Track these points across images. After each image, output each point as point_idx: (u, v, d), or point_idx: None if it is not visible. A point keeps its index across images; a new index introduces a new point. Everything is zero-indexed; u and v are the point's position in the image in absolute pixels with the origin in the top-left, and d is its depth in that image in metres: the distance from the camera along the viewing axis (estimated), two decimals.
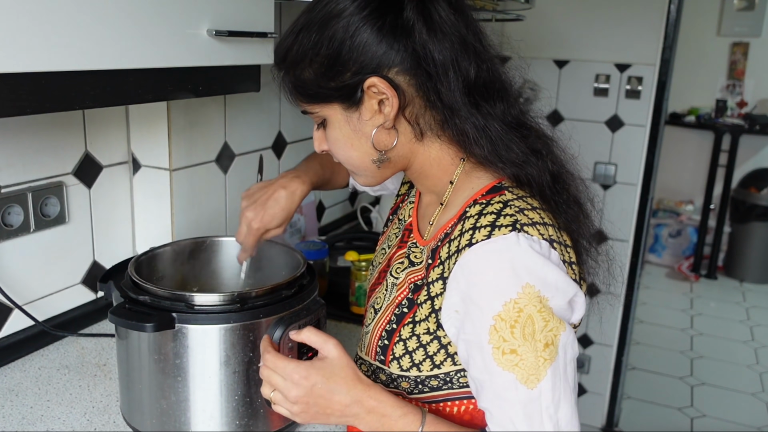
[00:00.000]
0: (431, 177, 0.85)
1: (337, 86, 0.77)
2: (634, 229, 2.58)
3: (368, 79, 0.75)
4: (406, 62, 0.75)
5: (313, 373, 0.77)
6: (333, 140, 0.83)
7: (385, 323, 0.85)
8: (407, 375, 0.81)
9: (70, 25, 0.74)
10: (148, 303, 0.89)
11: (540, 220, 0.76)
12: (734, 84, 4.63)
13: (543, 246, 0.73)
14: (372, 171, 0.84)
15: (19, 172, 1.16)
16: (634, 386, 3.17)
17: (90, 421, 1.03)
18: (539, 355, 0.71)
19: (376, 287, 0.95)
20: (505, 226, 0.73)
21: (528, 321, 0.70)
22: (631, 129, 2.52)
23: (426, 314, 0.80)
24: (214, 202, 1.50)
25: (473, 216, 0.77)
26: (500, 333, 0.71)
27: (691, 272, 4.66)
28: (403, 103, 0.77)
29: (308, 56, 0.78)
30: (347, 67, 0.76)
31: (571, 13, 2.51)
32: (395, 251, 0.94)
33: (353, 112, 0.79)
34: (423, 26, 0.74)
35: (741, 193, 4.57)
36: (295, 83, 0.81)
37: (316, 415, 0.79)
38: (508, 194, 0.78)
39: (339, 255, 1.79)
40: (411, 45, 0.74)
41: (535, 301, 0.71)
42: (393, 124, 0.79)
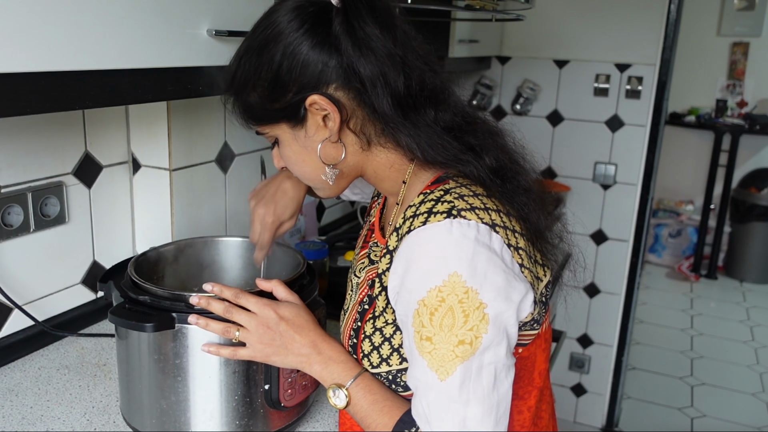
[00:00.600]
0: (387, 180, 0.87)
1: (281, 107, 0.80)
2: (634, 229, 2.58)
3: (309, 97, 0.78)
4: (341, 78, 0.77)
5: (284, 308, 0.86)
6: (286, 158, 0.86)
7: (352, 322, 0.87)
8: (379, 372, 0.83)
9: (70, 25, 0.74)
10: (148, 303, 0.89)
11: (481, 205, 0.76)
12: (734, 84, 4.63)
13: (481, 230, 0.73)
14: (326, 184, 0.86)
15: (19, 172, 1.16)
16: (634, 386, 3.17)
17: (90, 421, 1.03)
18: (451, 350, 0.72)
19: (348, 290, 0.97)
20: (441, 212, 0.74)
21: (448, 312, 0.72)
22: (631, 129, 2.52)
23: (383, 306, 0.82)
24: (214, 202, 1.50)
25: (415, 205, 0.79)
26: (421, 318, 0.73)
27: (691, 272, 4.66)
28: (345, 117, 0.79)
29: (251, 81, 0.80)
30: (288, 87, 0.78)
31: (571, 13, 2.51)
32: (360, 252, 0.97)
33: (299, 129, 0.81)
34: (348, 42, 0.76)
35: (741, 193, 4.57)
36: (243, 107, 0.84)
37: (278, 349, 0.85)
38: (451, 183, 0.79)
39: (339, 255, 1.79)
40: (341, 60, 0.76)
41: (460, 291, 0.71)
42: (338, 138, 0.81)
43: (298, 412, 0.99)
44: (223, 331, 0.85)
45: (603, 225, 2.65)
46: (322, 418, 1.05)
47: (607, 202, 2.62)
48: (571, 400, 2.86)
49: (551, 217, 0.86)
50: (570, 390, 2.86)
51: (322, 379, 0.85)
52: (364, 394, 0.82)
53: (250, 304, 0.85)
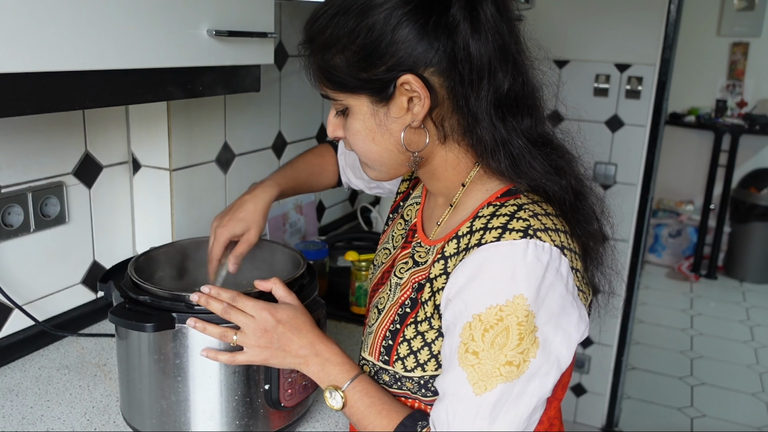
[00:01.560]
0: (443, 179, 0.84)
1: (369, 78, 0.74)
2: (634, 229, 2.58)
3: (403, 76, 0.73)
4: (443, 63, 0.73)
5: (282, 310, 0.85)
6: (353, 131, 0.80)
7: (389, 323, 0.85)
8: (411, 376, 0.81)
9: (70, 25, 0.74)
10: (148, 303, 0.89)
11: (553, 226, 0.74)
12: (734, 84, 4.63)
13: (553, 254, 0.72)
14: (388, 166, 0.82)
15: (19, 172, 1.16)
16: (634, 386, 3.17)
17: (90, 421, 1.03)
18: (497, 367, 0.70)
19: (379, 287, 0.94)
20: (517, 230, 0.72)
21: (503, 332, 0.70)
22: (631, 129, 2.52)
23: (430, 312, 0.79)
24: (214, 202, 1.50)
25: (485, 216, 0.76)
26: (472, 332, 0.71)
27: (691, 272, 4.66)
28: (433, 104, 0.75)
29: (342, 42, 0.74)
30: (383, 60, 0.73)
31: (571, 13, 2.51)
32: (399, 252, 0.93)
33: (381, 106, 0.76)
34: (468, 26, 0.71)
35: (741, 193, 4.57)
36: (323, 67, 0.78)
37: (276, 351, 0.84)
38: (523, 198, 0.77)
39: (339, 255, 1.79)
40: (451, 45, 0.72)
41: (521, 313, 0.70)
42: (421, 124, 0.77)
43: (298, 412, 0.99)
44: (221, 336, 0.85)
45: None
46: (322, 418, 1.05)
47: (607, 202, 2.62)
48: (571, 400, 2.86)
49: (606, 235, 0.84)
50: (570, 390, 2.86)
51: (319, 381, 0.85)
52: (360, 396, 0.82)
53: (247, 307, 0.85)
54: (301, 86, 1.78)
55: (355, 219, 2.15)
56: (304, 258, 1.04)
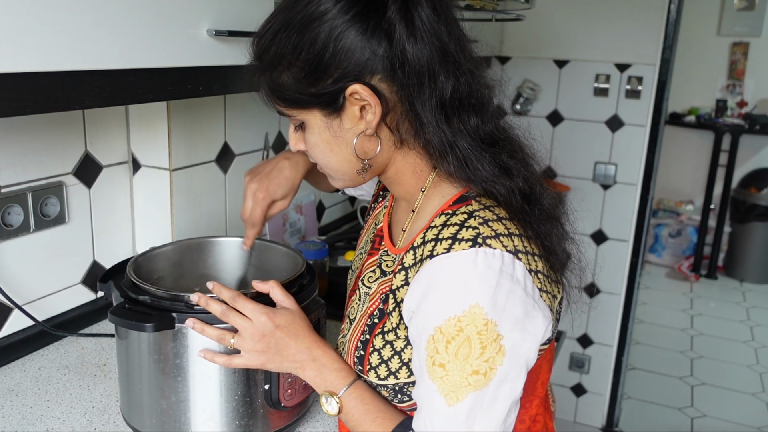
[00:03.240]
0: (404, 184, 0.84)
1: (318, 92, 0.74)
2: (634, 229, 2.58)
3: (350, 86, 0.73)
4: (387, 68, 0.72)
5: (280, 315, 0.85)
6: (312, 144, 0.81)
7: (360, 334, 0.85)
8: (385, 384, 0.81)
9: (70, 24, 0.74)
10: (148, 303, 0.89)
11: (505, 231, 0.74)
12: (734, 84, 4.63)
13: (505, 260, 0.71)
14: (350, 175, 0.82)
15: (19, 172, 1.16)
16: (634, 386, 3.17)
17: (90, 421, 1.03)
18: (464, 377, 0.71)
19: (352, 295, 0.95)
20: (466, 240, 0.72)
21: (465, 342, 0.70)
22: (631, 129, 2.52)
23: (396, 322, 0.80)
24: (214, 202, 1.50)
25: (437, 227, 0.76)
26: (436, 344, 0.72)
27: (691, 272, 4.66)
28: (385, 111, 0.75)
29: (287, 59, 0.74)
30: (329, 73, 0.73)
31: (571, 13, 2.51)
32: (367, 258, 0.93)
33: (334, 118, 0.76)
34: (404, 30, 0.71)
35: (741, 193, 4.57)
36: (272, 86, 0.78)
37: (273, 356, 0.84)
38: (474, 204, 0.76)
39: (339, 255, 1.79)
40: (392, 50, 0.71)
41: (480, 322, 0.70)
42: (375, 132, 0.77)
43: (298, 412, 0.99)
44: (219, 338, 0.85)
45: (603, 225, 2.65)
46: (322, 418, 1.05)
47: (607, 202, 2.62)
48: (571, 400, 2.86)
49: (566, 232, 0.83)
50: (570, 390, 2.86)
51: (315, 385, 0.85)
52: (356, 403, 0.82)
53: (246, 310, 0.84)
54: None
55: (355, 219, 2.15)
56: (304, 258, 1.04)
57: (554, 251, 0.79)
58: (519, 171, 0.78)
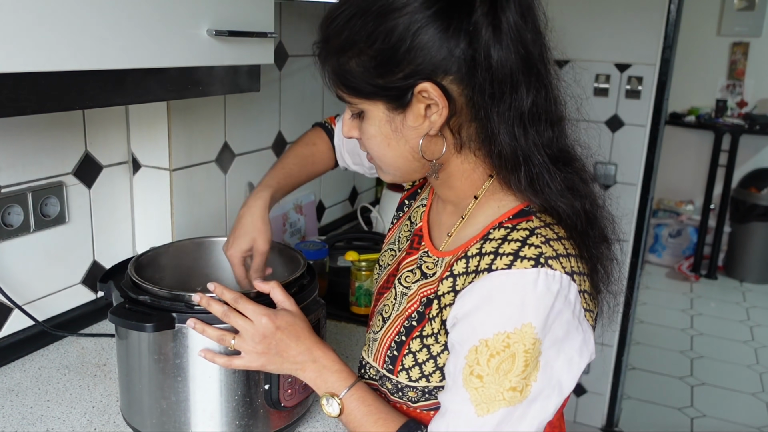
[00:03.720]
0: (455, 188, 0.82)
1: (385, 85, 0.72)
2: (634, 229, 2.58)
3: (421, 84, 0.70)
4: (463, 71, 0.70)
5: (281, 316, 0.85)
6: (369, 135, 0.78)
7: (394, 334, 0.84)
8: (415, 385, 0.81)
9: (70, 24, 0.74)
10: (148, 303, 0.89)
11: (564, 251, 0.73)
12: (734, 84, 4.62)
13: (563, 282, 0.71)
14: (403, 171, 0.80)
15: (19, 172, 1.16)
16: (634, 386, 3.17)
17: (90, 421, 1.03)
18: (500, 392, 0.70)
19: (384, 291, 0.94)
20: (528, 258, 0.71)
21: (509, 358, 0.70)
22: (631, 129, 2.52)
23: (437, 328, 0.79)
24: (214, 202, 1.50)
25: (497, 240, 0.74)
26: (478, 356, 0.71)
27: (691, 272, 4.66)
28: (452, 113, 0.73)
29: (358, 46, 0.71)
30: (401, 67, 0.70)
31: (571, 13, 2.51)
32: (405, 256, 0.92)
33: (398, 113, 0.74)
34: (490, 33, 0.68)
35: (741, 193, 4.57)
36: (338, 71, 0.75)
37: (273, 357, 0.84)
38: (535, 221, 0.75)
39: (339, 255, 1.79)
40: (472, 53, 0.69)
41: (528, 341, 0.69)
42: (438, 132, 0.75)
43: (298, 412, 0.99)
44: (219, 339, 0.85)
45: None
46: (322, 418, 1.05)
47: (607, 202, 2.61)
48: (571, 400, 2.86)
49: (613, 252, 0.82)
50: None
51: (316, 387, 0.85)
52: (357, 404, 0.82)
53: (248, 311, 0.84)
54: (301, 86, 1.78)
55: (355, 219, 2.15)
56: (304, 258, 1.04)
57: (599, 270, 0.79)
58: (585, 192, 0.77)
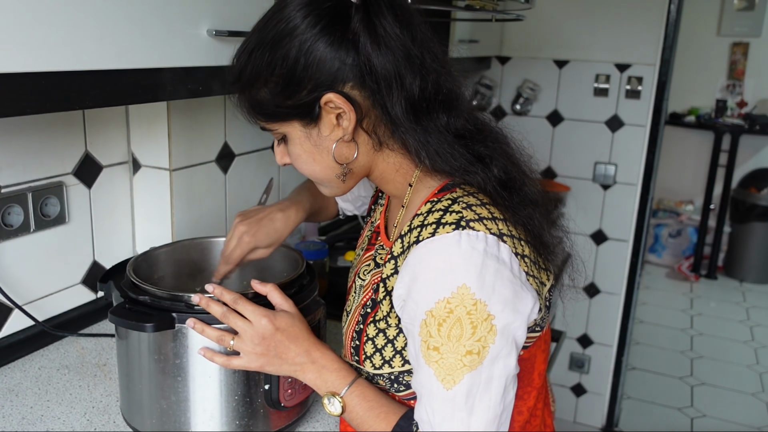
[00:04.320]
0: (392, 182, 0.86)
1: (294, 104, 0.78)
2: (634, 229, 2.58)
3: (324, 95, 0.76)
4: (357, 77, 0.76)
5: (280, 318, 0.85)
6: (295, 156, 0.84)
7: (354, 324, 0.87)
8: (381, 373, 0.83)
9: (70, 25, 0.74)
10: (148, 303, 0.89)
11: (489, 215, 0.76)
12: (734, 84, 4.63)
13: (490, 241, 0.73)
14: (336, 183, 0.85)
15: (19, 172, 1.16)
16: (634, 386, 3.17)
17: (90, 421, 1.03)
18: (459, 359, 0.72)
19: (350, 290, 0.97)
20: (449, 224, 0.74)
21: (456, 323, 0.72)
22: (631, 129, 2.52)
23: (387, 311, 0.82)
24: (214, 202, 1.50)
25: (423, 214, 0.78)
26: (428, 328, 0.73)
27: (691, 272, 4.66)
28: (360, 116, 0.78)
29: (263, 76, 0.78)
30: (303, 85, 0.76)
31: (571, 13, 2.51)
32: (364, 254, 0.96)
33: (312, 128, 0.80)
34: (367, 39, 0.74)
35: (741, 193, 4.57)
36: (252, 103, 0.82)
37: (272, 359, 0.85)
38: (459, 191, 0.79)
39: (339, 255, 1.79)
40: (357, 60, 0.75)
41: (468, 302, 0.71)
42: (352, 137, 0.80)
43: (298, 412, 0.99)
44: (218, 339, 0.85)
45: (603, 225, 2.65)
46: (322, 418, 1.05)
47: (607, 202, 2.62)
48: (571, 400, 2.86)
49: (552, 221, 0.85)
50: (570, 390, 2.86)
51: (316, 387, 0.86)
52: (359, 401, 0.83)
53: (247, 312, 0.85)
54: None
55: (355, 219, 2.15)
56: (303, 258, 1.04)
57: (540, 237, 0.81)
58: (495, 160, 0.80)
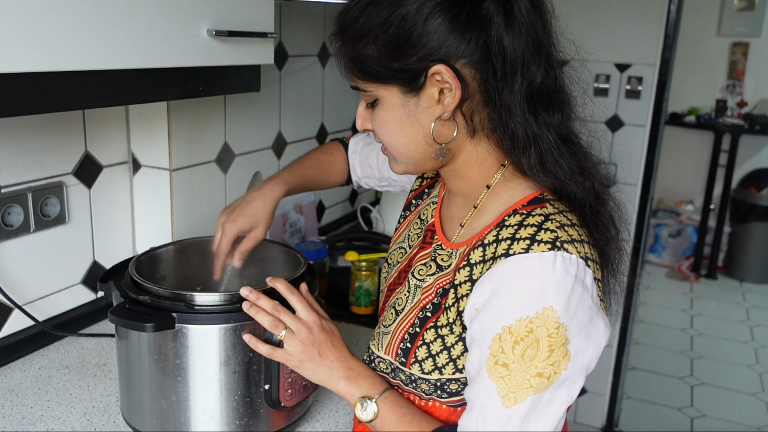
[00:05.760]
0: (467, 178, 0.83)
1: (400, 68, 0.74)
2: (634, 229, 2.58)
3: (434, 66, 0.73)
4: (476, 55, 0.72)
5: (326, 322, 0.89)
6: (382, 122, 0.80)
7: (408, 326, 0.84)
8: (428, 378, 0.81)
9: (70, 25, 0.74)
10: (148, 303, 0.89)
11: (578, 237, 0.74)
12: (734, 84, 4.62)
13: (579, 266, 0.72)
14: (415, 159, 0.81)
15: (19, 172, 1.16)
16: (634, 386, 3.17)
17: (90, 421, 1.03)
18: (527, 379, 0.70)
19: (396, 287, 0.94)
20: (545, 242, 0.72)
21: (533, 344, 0.70)
22: (631, 129, 2.52)
23: (453, 318, 0.79)
24: (214, 202, 1.50)
25: (512, 225, 0.75)
26: (502, 344, 0.71)
27: (691, 272, 4.66)
28: (464, 97, 0.75)
29: (374, 32, 0.74)
30: (415, 50, 0.73)
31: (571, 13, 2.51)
32: (417, 251, 0.92)
33: (411, 97, 0.76)
34: (502, 20, 0.71)
35: (741, 193, 4.57)
36: (354, 57, 0.78)
37: (314, 356, 0.86)
38: (549, 207, 0.76)
39: (339, 255, 1.79)
40: (484, 38, 0.72)
41: (551, 325, 0.70)
42: (450, 116, 0.76)
43: (298, 412, 0.99)
44: (271, 325, 0.86)
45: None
46: (322, 418, 1.05)
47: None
48: None
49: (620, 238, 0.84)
50: None
51: (349, 394, 0.84)
52: (392, 407, 0.82)
53: (295, 302, 0.87)
54: (301, 86, 1.78)
55: (355, 219, 2.15)
56: (304, 258, 1.04)
57: (610, 261, 0.80)
58: (595, 172, 0.79)
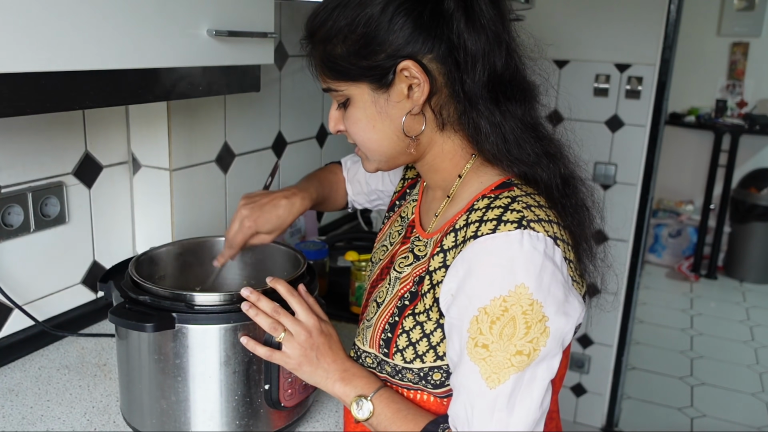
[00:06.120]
0: (441, 170, 0.86)
1: (370, 65, 0.77)
2: (634, 229, 2.58)
3: (402, 62, 0.76)
4: (440, 50, 0.75)
5: (325, 324, 0.89)
6: (354, 120, 0.82)
7: (388, 316, 0.86)
8: (411, 367, 0.82)
9: (70, 24, 0.74)
10: (148, 303, 0.89)
11: (546, 217, 0.76)
12: (734, 84, 4.62)
13: (547, 243, 0.74)
14: (387, 156, 0.84)
15: (19, 172, 1.16)
16: (634, 386, 3.17)
17: (90, 421, 1.03)
18: (508, 358, 0.72)
19: (378, 283, 0.95)
20: (511, 222, 0.74)
21: (510, 322, 0.71)
22: (631, 129, 2.52)
23: (429, 304, 0.81)
24: (214, 202, 1.50)
25: (480, 209, 0.78)
26: (479, 325, 0.73)
27: (691, 272, 4.66)
28: (432, 91, 0.77)
29: (342, 33, 0.77)
30: (383, 48, 0.76)
31: (571, 13, 2.51)
32: (398, 247, 0.94)
33: (381, 93, 0.79)
34: (462, 16, 0.74)
35: (741, 193, 4.57)
36: (324, 58, 0.80)
37: (312, 359, 0.86)
38: (516, 190, 0.79)
39: (339, 255, 1.79)
40: (447, 33, 0.75)
41: (525, 302, 0.71)
42: (420, 111, 0.79)
43: (298, 412, 0.99)
44: (271, 327, 0.86)
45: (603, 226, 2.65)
46: (322, 418, 1.05)
47: (607, 202, 2.62)
48: (571, 400, 2.86)
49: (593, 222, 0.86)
50: (570, 390, 2.86)
51: (344, 395, 0.85)
52: (387, 403, 0.83)
53: (295, 304, 0.87)
54: (301, 86, 1.78)
55: (355, 219, 2.15)
56: (304, 258, 1.04)
57: (587, 244, 0.82)
58: (562, 158, 0.81)
